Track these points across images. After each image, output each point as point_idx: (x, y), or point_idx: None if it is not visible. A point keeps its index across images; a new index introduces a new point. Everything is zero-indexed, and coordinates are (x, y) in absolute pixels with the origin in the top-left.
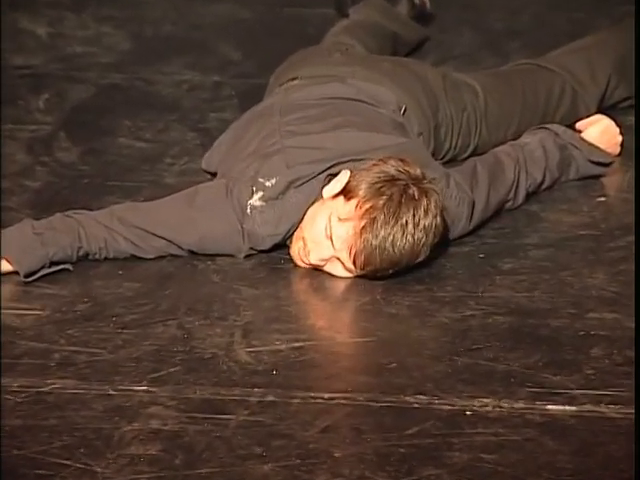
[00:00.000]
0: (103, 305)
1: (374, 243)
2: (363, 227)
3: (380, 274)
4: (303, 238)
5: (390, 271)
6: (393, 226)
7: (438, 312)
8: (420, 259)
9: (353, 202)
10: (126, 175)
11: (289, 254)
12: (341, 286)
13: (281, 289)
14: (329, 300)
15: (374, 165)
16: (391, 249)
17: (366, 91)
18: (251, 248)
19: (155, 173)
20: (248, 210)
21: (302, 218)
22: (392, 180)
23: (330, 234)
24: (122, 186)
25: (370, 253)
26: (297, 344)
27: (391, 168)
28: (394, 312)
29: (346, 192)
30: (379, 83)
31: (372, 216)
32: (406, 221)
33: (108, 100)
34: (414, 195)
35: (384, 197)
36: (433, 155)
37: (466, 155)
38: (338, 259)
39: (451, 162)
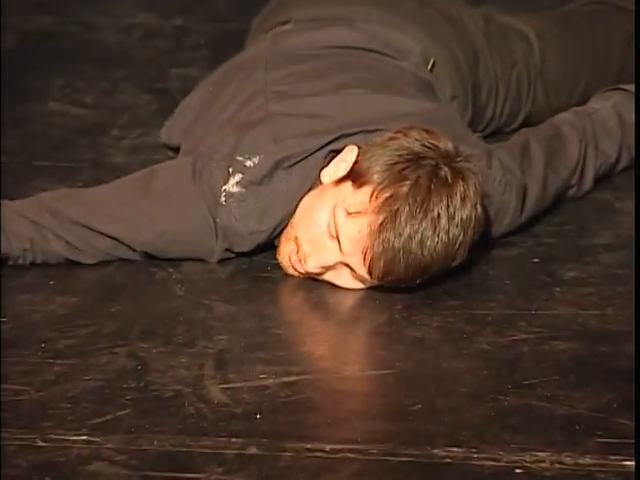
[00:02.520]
0: (29, 327)
1: (397, 244)
2: (382, 223)
3: (404, 285)
4: (296, 238)
5: (417, 281)
6: (422, 221)
7: (478, 336)
8: (455, 264)
9: (366, 190)
10: (59, 152)
11: (277, 259)
12: (348, 301)
13: (267, 305)
14: (332, 320)
15: (391, 139)
16: (419, 251)
17: (382, 38)
18: (227, 250)
19: (98, 150)
20: (222, 199)
21: (295, 210)
22: (417, 159)
23: (336, 233)
24: (54, 167)
25: (392, 258)
26: (288, 378)
27: (415, 143)
28: (419, 336)
29: (355, 176)
30: (400, 28)
31: (393, 208)
32: (438, 213)
33: (34, 52)
34: (447, 178)
35: (408, 182)
36: (471, 126)
37: (515, 126)
38: (346, 265)
39: (495, 136)
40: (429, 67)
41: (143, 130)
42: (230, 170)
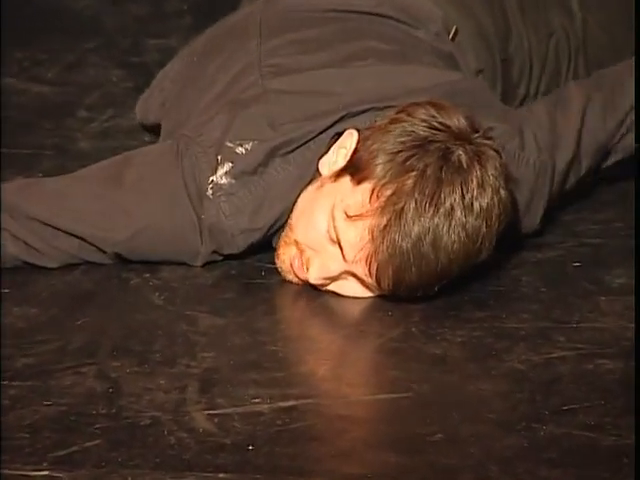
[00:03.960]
0: None
1: (405, 247)
2: (386, 226)
3: (420, 293)
4: (296, 242)
5: (435, 288)
6: (432, 217)
7: (509, 353)
8: (480, 260)
9: (366, 187)
10: (17, 137)
11: (276, 263)
12: (356, 312)
13: (261, 317)
14: (337, 334)
15: (393, 121)
16: (433, 253)
17: (397, 2)
18: (214, 252)
19: (62, 133)
20: (209, 191)
21: (293, 206)
22: (424, 144)
23: (337, 238)
24: (10, 154)
25: (401, 264)
26: (286, 403)
27: (420, 125)
28: (439, 353)
29: (354, 169)
30: None
31: (398, 207)
32: (451, 206)
33: None
34: (460, 162)
35: (413, 174)
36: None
37: None
38: (353, 275)
39: None
40: (450, 37)
41: (115, 111)
42: (219, 158)
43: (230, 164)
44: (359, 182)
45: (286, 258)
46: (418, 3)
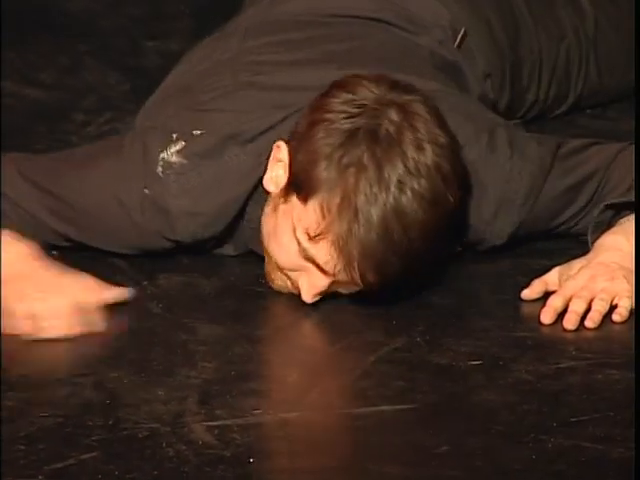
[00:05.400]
0: None
1: (375, 240)
2: (348, 231)
3: (415, 273)
4: (279, 268)
5: (431, 259)
6: (387, 198)
7: (516, 363)
8: (458, 210)
9: (314, 203)
10: (11, 141)
11: (272, 287)
12: (357, 320)
13: (261, 325)
14: (338, 344)
15: (313, 124)
16: (404, 233)
17: (399, 6)
18: (168, 239)
19: (58, 138)
20: (159, 168)
21: (247, 200)
22: (349, 136)
23: (311, 259)
24: None
25: (379, 259)
26: (287, 415)
27: (339, 117)
28: (444, 363)
29: (297, 186)
30: None
31: (351, 208)
32: (399, 180)
33: None
34: (389, 134)
35: (352, 170)
36: (509, 111)
37: (561, 111)
38: (343, 281)
39: (538, 121)
40: (459, 38)
41: (112, 114)
42: (173, 136)
43: (183, 143)
44: (306, 200)
45: (280, 284)
46: (424, 5)
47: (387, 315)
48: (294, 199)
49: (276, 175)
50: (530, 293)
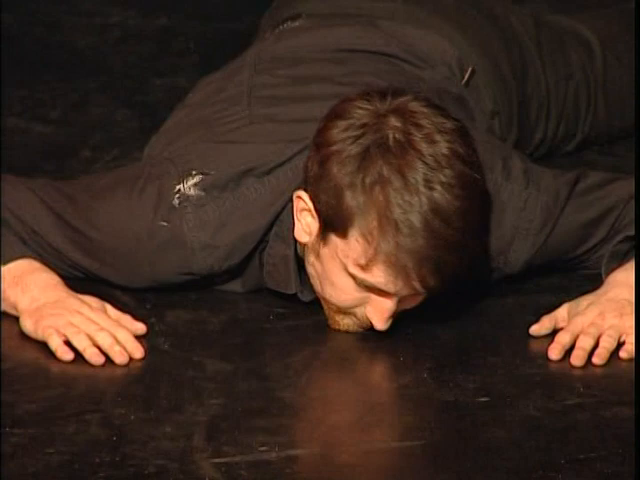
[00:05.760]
0: None
1: (423, 244)
2: (396, 246)
3: (468, 260)
4: (344, 309)
5: (483, 245)
6: (420, 200)
7: (523, 400)
8: (493, 189)
9: (355, 235)
10: (19, 176)
11: (336, 330)
12: (365, 357)
13: (269, 362)
14: (346, 380)
15: (324, 161)
16: (448, 227)
17: (406, 42)
18: (182, 273)
19: (65, 175)
20: (175, 200)
21: (265, 230)
22: (362, 159)
23: (372, 288)
24: None
25: (433, 261)
26: (295, 452)
27: (347, 146)
28: (452, 400)
29: (330, 226)
30: (433, 29)
31: (390, 223)
32: (425, 179)
33: None
34: (398, 141)
35: (377, 188)
36: (518, 148)
37: (569, 148)
38: (407, 295)
39: (546, 159)
40: (466, 77)
41: (120, 151)
42: (190, 168)
43: (201, 176)
44: (345, 234)
45: (348, 321)
46: (431, 42)
47: (394, 351)
48: (333, 238)
49: (306, 224)
50: (539, 329)
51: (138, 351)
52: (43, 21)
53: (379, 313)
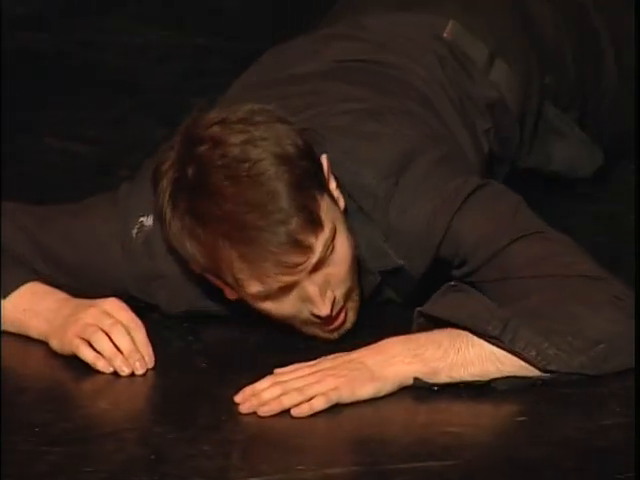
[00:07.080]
0: (14, 407)
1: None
2: (203, 249)
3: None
4: (299, 321)
5: (300, 222)
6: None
7: (560, 420)
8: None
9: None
10: (55, 197)
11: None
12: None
13: None
14: (383, 399)
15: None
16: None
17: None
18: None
19: (104, 192)
20: (134, 230)
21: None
22: (172, 201)
23: (259, 293)
24: None
25: (225, 235)
26: (332, 470)
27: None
28: (488, 419)
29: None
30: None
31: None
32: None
33: (25, 77)
34: (196, 170)
35: (190, 214)
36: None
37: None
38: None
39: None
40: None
41: None
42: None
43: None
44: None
45: (305, 325)
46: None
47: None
48: (211, 278)
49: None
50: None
51: (149, 356)
52: (81, 41)
53: (312, 302)
